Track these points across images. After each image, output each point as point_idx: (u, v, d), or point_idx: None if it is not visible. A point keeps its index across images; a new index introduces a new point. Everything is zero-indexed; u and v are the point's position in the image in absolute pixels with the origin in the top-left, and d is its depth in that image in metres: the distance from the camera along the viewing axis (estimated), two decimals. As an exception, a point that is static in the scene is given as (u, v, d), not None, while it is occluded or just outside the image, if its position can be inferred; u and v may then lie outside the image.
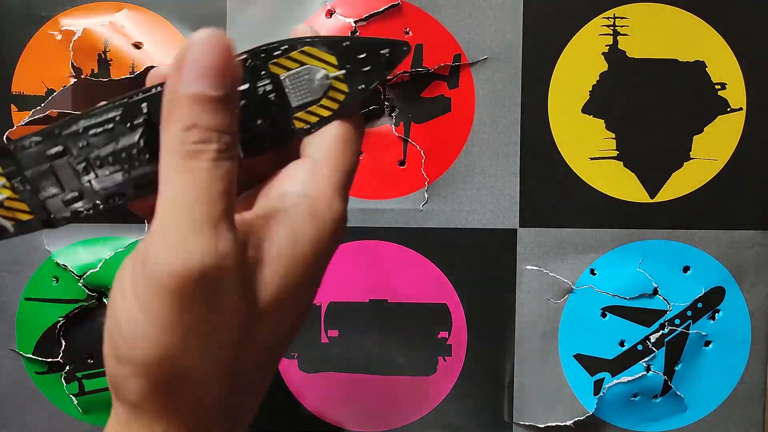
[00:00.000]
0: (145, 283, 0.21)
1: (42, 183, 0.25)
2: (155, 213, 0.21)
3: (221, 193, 0.21)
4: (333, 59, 0.25)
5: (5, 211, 0.25)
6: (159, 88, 0.24)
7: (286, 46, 0.25)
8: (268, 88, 0.25)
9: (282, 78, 0.25)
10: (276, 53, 0.25)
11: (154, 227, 0.21)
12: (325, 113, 0.25)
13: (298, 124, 0.26)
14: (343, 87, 0.25)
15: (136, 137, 0.24)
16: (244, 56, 0.25)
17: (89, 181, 0.25)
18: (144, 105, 0.24)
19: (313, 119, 0.25)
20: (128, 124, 0.24)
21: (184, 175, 0.21)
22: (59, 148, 0.25)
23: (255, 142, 0.25)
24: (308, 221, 0.24)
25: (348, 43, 0.25)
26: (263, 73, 0.25)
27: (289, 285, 0.23)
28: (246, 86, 0.25)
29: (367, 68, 0.25)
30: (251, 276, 0.22)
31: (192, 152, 0.21)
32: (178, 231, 0.21)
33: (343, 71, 0.25)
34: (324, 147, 0.25)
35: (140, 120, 0.24)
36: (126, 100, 0.24)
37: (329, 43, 0.25)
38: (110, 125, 0.24)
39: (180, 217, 0.21)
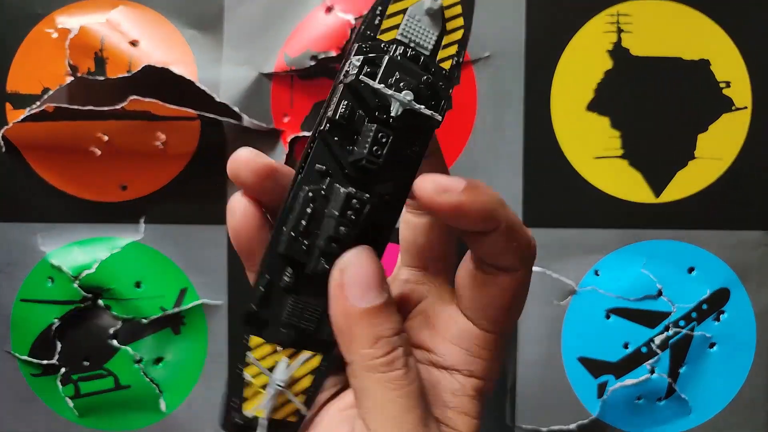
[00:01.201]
0: None
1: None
2: (366, 422, 0.23)
3: (421, 394, 0.23)
4: None
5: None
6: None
7: (378, 8, 0.23)
8: (399, 52, 0.23)
9: (398, 37, 0.23)
10: (377, 21, 0.23)
11: None
12: (458, 35, 0.24)
13: (446, 65, 0.24)
14: (452, 0, 0.23)
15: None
16: (357, 45, 0.23)
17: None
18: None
19: (453, 49, 0.24)
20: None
21: (387, 388, 0.22)
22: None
23: (433, 98, 0.23)
24: None
25: None
26: (384, 46, 0.23)
27: None
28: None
29: None
30: None
31: (386, 363, 0.22)
32: None
33: None
34: None
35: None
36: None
37: None
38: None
39: (395, 427, 0.22)
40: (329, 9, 0.50)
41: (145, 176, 0.52)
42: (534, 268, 0.50)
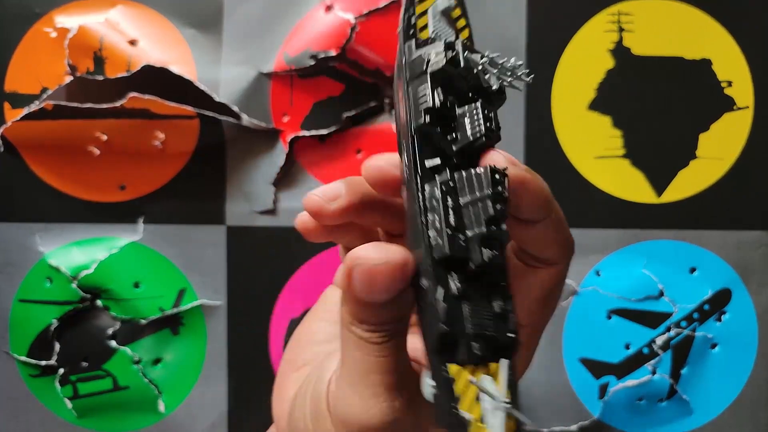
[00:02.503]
0: (332, 421, 0.25)
1: None
2: (341, 363, 0.25)
3: (390, 368, 0.24)
4: None
5: None
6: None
7: (410, 8, 0.23)
8: (461, 39, 0.23)
9: (431, 35, 0.23)
10: (413, 21, 0.23)
11: (343, 379, 0.24)
12: (466, 33, 0.24)
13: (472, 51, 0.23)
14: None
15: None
16: (413, 41, 0.22)
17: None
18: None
19: (465, 34, 0.24)
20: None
21: (357, 348, 0.24)
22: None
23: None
24: None
25: None
26: (432, 38, 0.23)
27: None
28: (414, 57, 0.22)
29: None
30: None
31: (361, 336, 0.24)
32: (356, 393, 0.24)
33: None
34: None
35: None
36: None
37: None
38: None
39: (360, 381, 0.24)
40: (329, 8, 0.50)
41: (144, 176, 0.51)
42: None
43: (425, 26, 0.23)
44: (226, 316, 0.52)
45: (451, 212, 0.20)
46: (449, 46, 0.22)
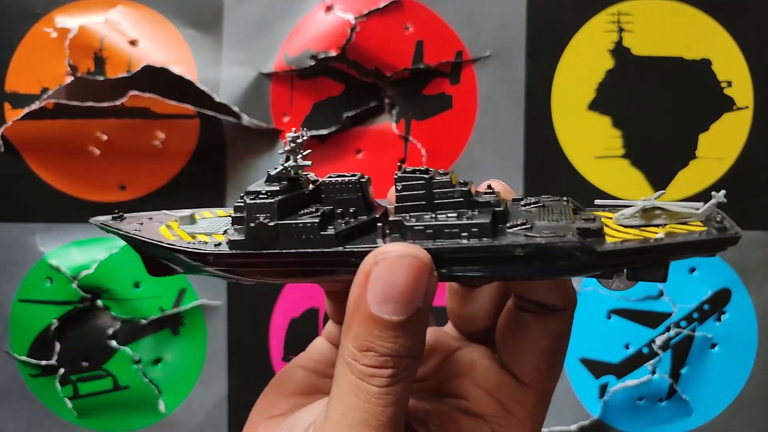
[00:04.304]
0: None
1: None
2: (328, 408, 0.21)
3: (390, 419, 0.21)
4: None
5: None
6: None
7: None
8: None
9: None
10: None
11: (327, 429, 0.21)
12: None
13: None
14: None
15: None
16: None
17: None
18: None
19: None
20: None
21: (355, 393, 0.21)
22: None
23: None
24: None
25: None
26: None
27: None
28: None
29: None
30: None
31: (364, 374, 0.21)
32: None
33: None
34: None
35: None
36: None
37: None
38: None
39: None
40: (329, 8, 0.50)
41: (144, 176, 0.51)
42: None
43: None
44: (226, 316, 0.52)
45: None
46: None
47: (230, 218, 0.25)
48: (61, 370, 0.52)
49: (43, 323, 0.51)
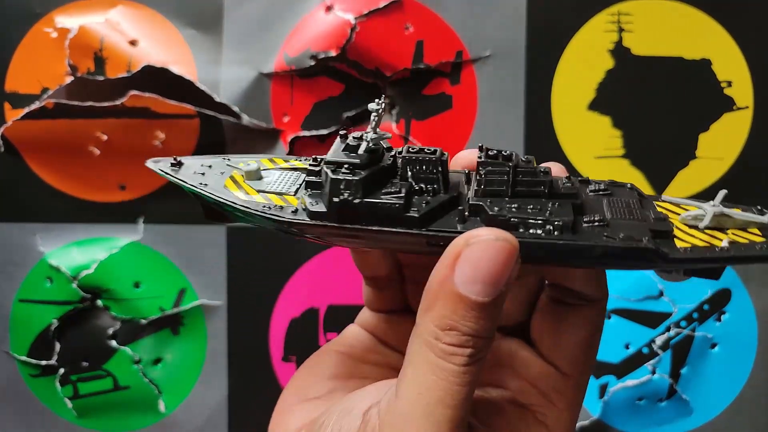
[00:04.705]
0: None
1: None
2: (399, 388, 0.22)
3: (465, 399, 0.21)
4: None
5: None
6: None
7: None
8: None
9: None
10: None
11: (400, 409, 0.22)
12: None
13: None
14: None
15: None
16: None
17: None
18: None
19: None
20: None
21: (433, 372, 0.21)
22: None
23: None
24: None
25: None
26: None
27: None
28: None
29: None
30: None
31: (445, 352, 0.21)
32: (420, 427, 0.21)
33: None
34: None
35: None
36: None
37: None
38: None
39: (424, 414, 0.21)
40: (329, 8, 0.50)
41: (144, 176, 0.51)
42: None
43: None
44: (226, 316, 0.52)
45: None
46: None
47: (298, 175, 0.26)
48: (61, 370, 0.52)
49: (43, 323, 0.51)
